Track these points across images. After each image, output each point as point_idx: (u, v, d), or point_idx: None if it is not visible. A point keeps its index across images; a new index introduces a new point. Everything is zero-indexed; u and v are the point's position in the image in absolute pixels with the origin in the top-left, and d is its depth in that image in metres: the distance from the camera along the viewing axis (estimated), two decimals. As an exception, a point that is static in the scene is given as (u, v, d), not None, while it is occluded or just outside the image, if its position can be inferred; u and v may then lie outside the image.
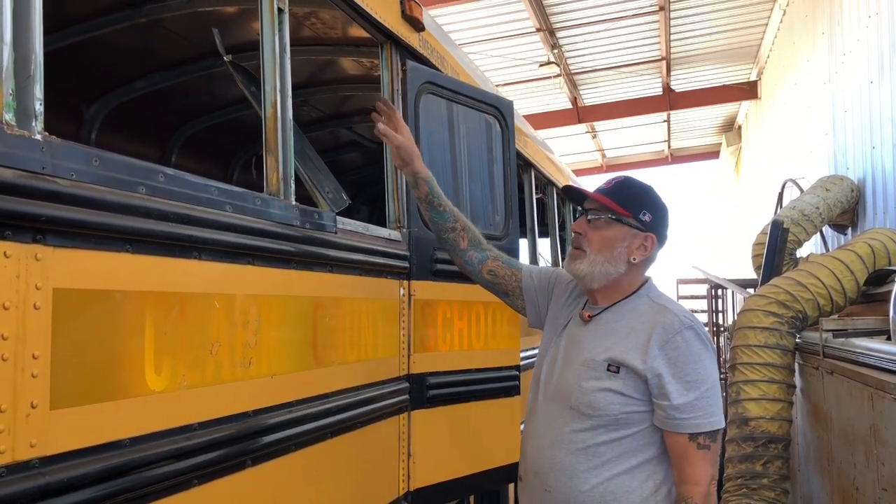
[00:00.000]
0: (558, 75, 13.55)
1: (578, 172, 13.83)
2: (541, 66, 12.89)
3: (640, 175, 2.28)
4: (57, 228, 1.38)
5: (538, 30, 12.05)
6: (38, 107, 1.37)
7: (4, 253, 1.28)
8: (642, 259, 2.04)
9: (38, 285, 1.33)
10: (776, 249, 6.40)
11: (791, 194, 8.22)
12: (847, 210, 7.38)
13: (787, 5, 11.01)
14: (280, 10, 2.20)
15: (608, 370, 1.95)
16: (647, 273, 2.14)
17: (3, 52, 1.31)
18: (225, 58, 3.16)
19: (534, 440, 2.09)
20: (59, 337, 1.37)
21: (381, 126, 2.24)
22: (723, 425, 1.94)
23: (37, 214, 1.33)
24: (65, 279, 1.39)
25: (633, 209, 2.02)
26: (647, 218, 2.02)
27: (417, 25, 3.13)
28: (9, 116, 1.32)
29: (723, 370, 8.58)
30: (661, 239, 2.08)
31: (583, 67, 14.04)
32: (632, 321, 2.01)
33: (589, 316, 2.09)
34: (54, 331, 1.36)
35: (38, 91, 1.38)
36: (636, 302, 2.05)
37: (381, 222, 2.92)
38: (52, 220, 1.36)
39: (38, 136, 1.37)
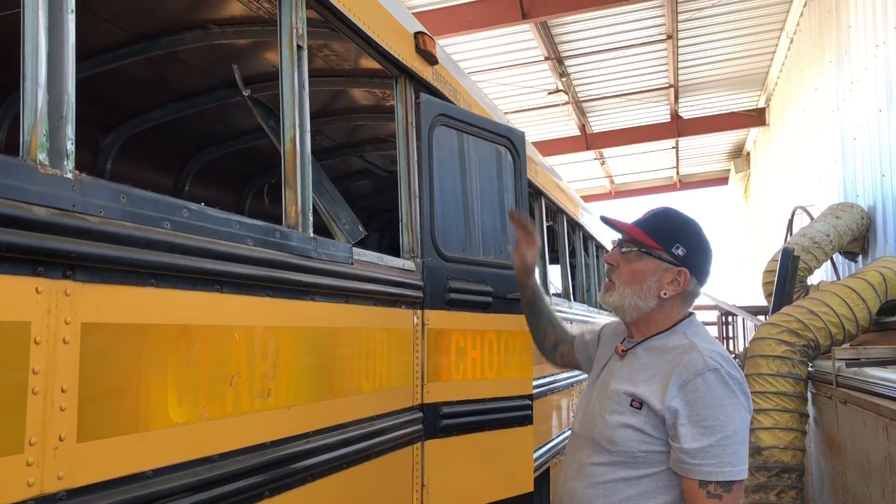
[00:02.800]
0: (567, 103, 13.66)
1: (587, 199, 13.85)
2: (549, 93, 13.03)
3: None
4: (86, 264, 1.41)
5: (547, 58, 12.19)
6: (70, 146, 1.41)
7: (36, 289, 1.31)
8: (674, 294, 1.97)
9: (68, 320, 1.36)
10: (787, 277, 6.40)
11: (801, 221, 8.23)
12: (857, 237, 7.37)
13: (795, 33, 11.09)
14: (299, 47, 2.24)
15: (631, 405, 1.90)
16: (689, 308, 2.06)
17: (38, 93, 1.36)
18: (244, 92, 3.22)
19: (562, 470, 2.09)
20: (86, 370, 1.40)
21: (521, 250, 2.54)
22: (742, 477, 1.80)
23: (67, 251, 1.36)
24: (93, 314, 1.42)
25: (666, 242, 1.96)
26: (680, 252, 1.95)
27: (431, 59, 3.18)
28: (42, 156, 1.36)
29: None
30: (696, 274, 1.98)
31: (591, 95, 14.16)
32: (662, 357, 1.94)
33: (623, 350, 2.05)
34: (82, 364, 1.39)
35: (70, 131, 1.42)
36: (671, 338, 1.97)
37: (391, 248, 2.95)
38: (81, 257, 1.39)
39: (70, 175, 1.41)
